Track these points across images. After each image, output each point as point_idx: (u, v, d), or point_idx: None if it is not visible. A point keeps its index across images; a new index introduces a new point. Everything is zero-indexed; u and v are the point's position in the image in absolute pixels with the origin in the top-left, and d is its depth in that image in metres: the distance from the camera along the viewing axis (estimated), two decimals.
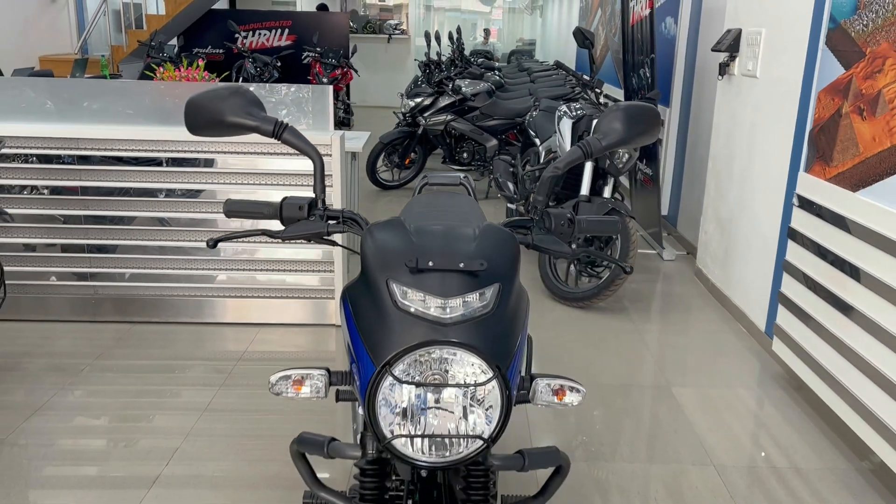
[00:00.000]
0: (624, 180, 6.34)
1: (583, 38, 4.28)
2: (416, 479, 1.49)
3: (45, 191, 3.62)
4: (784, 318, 3.21)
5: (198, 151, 3.57)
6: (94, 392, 3.07)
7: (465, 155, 6.63)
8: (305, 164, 3.59)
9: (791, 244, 3.16)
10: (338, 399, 2.03)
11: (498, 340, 1.15)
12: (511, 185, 5.21)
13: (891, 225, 2.46)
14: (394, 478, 1.68)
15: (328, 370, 1.29)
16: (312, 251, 3.68)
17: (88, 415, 2.90)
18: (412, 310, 1.15)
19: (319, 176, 1.37)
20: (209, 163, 3.57)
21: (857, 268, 2.64)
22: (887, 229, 2.47)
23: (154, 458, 2.62)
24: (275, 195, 3.62)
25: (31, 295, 3.70)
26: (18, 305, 3.71)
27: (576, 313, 4.09)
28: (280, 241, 1.27)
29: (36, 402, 2.97)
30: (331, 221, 1.35)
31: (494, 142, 6.54)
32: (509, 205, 5.15)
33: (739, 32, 4.03)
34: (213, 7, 9.96)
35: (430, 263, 1.16)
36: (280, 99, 3.94)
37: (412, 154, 6.73)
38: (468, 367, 1.14)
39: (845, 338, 2.71)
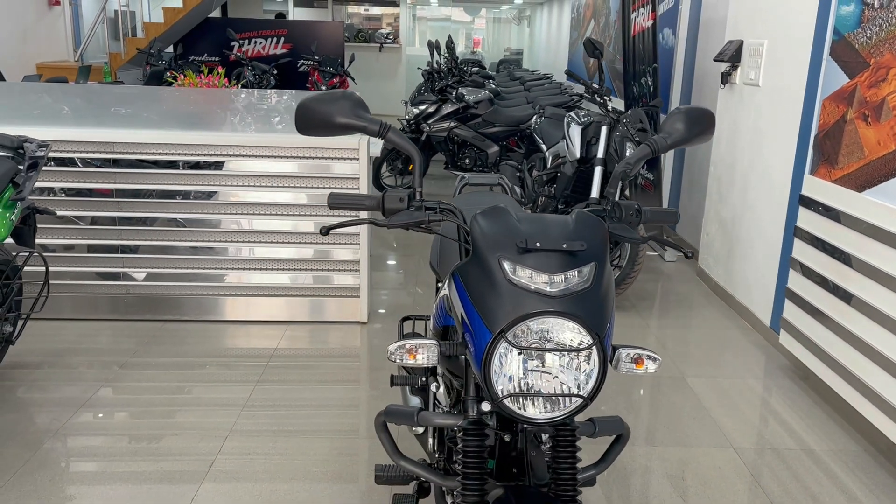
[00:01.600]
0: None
1: (593, 48, 4.48)
2: (497, 446, 1.64)
3: (83, 193, 3.73)
4: (791, 311, 3.40)
5: (219, 155, 3.69)
6: (135, 388, 3.18)
7: (466, 161, 6.81)
8: (311, 168, 3.73)
9: (797, 242, 3.36)
10: (392, 384, 2.18)
11: (596, 311, 1.32)
12: (518, 190, 5.39)
13: (895, 221, 2.66)
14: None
15: (438, 342, 1.44)
16: (335, 251, 3.82)
17: (133, 410, 3.01)
18: (522, 284, 1.31)
19: (418, 171, 1.53)
20: (222, 166, 3.70)
21: (863, 262, 2.84)
22: (892, 226, 2.67)
23: (204, 452, 2.73)
24: (289, 196, 3.76)
25: (68, 294, 3.80)
26: (57, 304, 3.81)
27: None
28: (385, 227, 1.42)
29: (81, 399, 3.07)
30: (430, 211, 1.51)
31: (496, 148, 6.72)
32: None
33: (741, 44, 4.25)
34: (209, 16, 10.08)
35: (538, 244, 1.32)
36: (289, 107, 4.08)
37: None
38: (571, 333, 1.30)
39: (852, 328, 2.91)
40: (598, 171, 4.36)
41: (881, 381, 2.72)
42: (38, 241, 3.71)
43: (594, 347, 1.30)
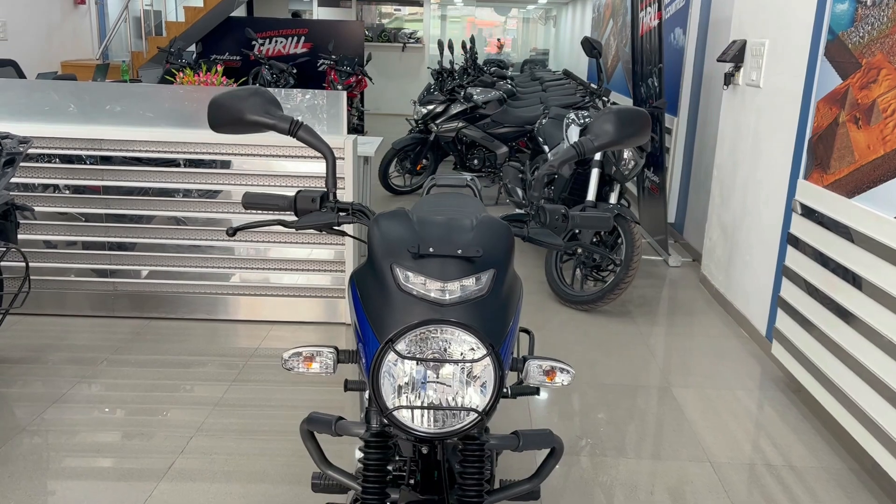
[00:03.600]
0: (633, 188, 6.42)
1: (590, 47, 4.38)
2: (418, 458, 1.58)
3: (67, 190, 3.76)
4: (783, 322, 3.28)
5: (215, 153, 3.69)
6: (110, 385, 3.18)
7: (475, 161, 6.74)
8: (316, 167, 3.70)
9: (790, 250, 3.24)
10: (346, 388, 2.13)
11: (492, 321, 1.25)
12: (520, 191, 5.31)
13: (883, 230, 2.53)
14: (397, 458, 1.78)
15: (336, 348, 1.38)
16: (324, 251, 3.79)
17: (105, 407, 3.01)
18: (414, 292, 1.25)
19: (331, 171, 1.48)
20: (226, 164, 3.69)
21: (854, 273, 2.72)
22: (881, 234, 2.55)
23: (167, 451, 2.72)
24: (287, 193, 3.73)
25: (52, 290, 3.83)
26: (40, 300, 3.84)
27: (581, 316, 4.17)
28: (294, 231, 1.37)
29: (55, 394, 3.08)
30: (341, 213, 1.45)
31: (505, 149, 6.64)
32: (518, 210, 5.24)
33: (744, 43, 4.12)
34: (231, 15, 10.15)
35: (431, 249, 1.26)
36: (296, 105, 4.06)
37: (424, 160, 6.85)
38: (465, 345, 1.23)
39: (842, 341, 2.78)
40: (594, 173, 4.27)
41: (868, 399, 2.59)
42: (24, 236, 3.75)
43: (488, 358, 1.24)
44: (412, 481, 1.62)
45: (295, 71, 9.30)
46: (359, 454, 2.04)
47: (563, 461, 2.72)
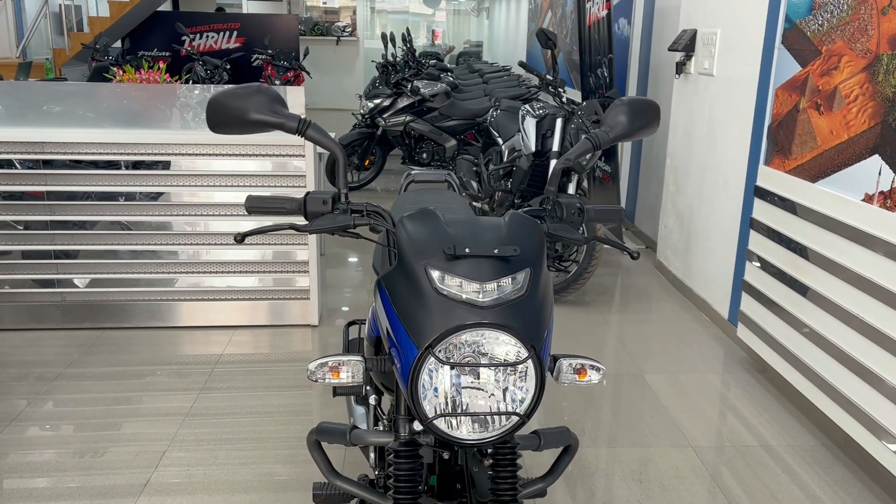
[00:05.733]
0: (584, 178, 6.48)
1: (546, 38, 4.39)
2: (437, 463, 1.54)
3: (2, 199, 3.54)
4: (748, 304, 3.36)
5: (162, 154, 3.53)
6: (70, 401, 3.02)
7: (424, 155, 6.69)
8: (259, 165, 3.58)
9: (753, 234, 3.32)
10: (335, 394, 2.06)
11: (532, 321, 1.21)
12: (475, 184, 5.29)
13: (849, 212, 2.61)
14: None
15: (364, 357, 1.32)
16: (282, 252, 3.68)
17: (67, 424, 2.85)
18: (450, 294, 1.20)
19: (342, 171, 1.41)
20: (166, 165, 3.54)
21: (818, 253, 2.80)
22: (846, 216, 2.63)
23: (141, 465, 2.59)
24: (231, 196, 3.61)
25: None
26: None
27: None
28: (307, 233, 1.30)
29: (10, 413, 2.90)
30: (355, 214, 1.39)
31: (453, 142, 6.61)
32: (473, 203, 5.23)
33: (695, 33, 4.19)
34: (159, 9, 9.79)
35: (467, 250, 1.21)
36: None
37: (371, 155, 6.75)
38: (505, 346, 1.19)
39: (808, 320, 2.86)
40: (553, 164, 4.28)
41: (837, 374, 2.68)
42: None
43: (530, 361, 1.20)
44: (425, 487, 1.57)
45: (229, 66, 9.04)
46: (367, 457, 1.97)
47: (551, 452, 2.71)
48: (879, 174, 2.49)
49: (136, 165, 3.53)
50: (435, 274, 1.21)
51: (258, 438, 2.77)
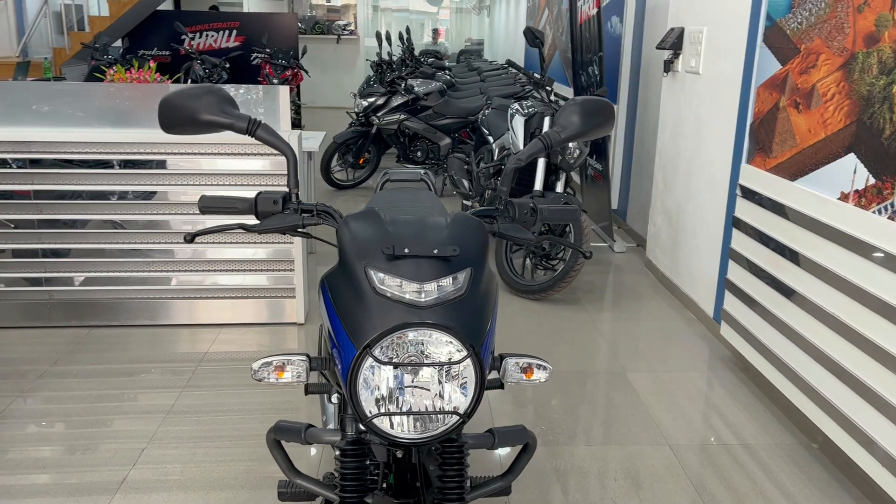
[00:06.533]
0: (575, 176, 6.48)
1: (533, 37, 4.39)
2: (392, 461, 1.54)
3: None
4: (731, 303, 3.36)
5: (150, 153, 3.55)
6: (53, 398, 3.04)
7: (418, 154, 6.69)
8: (254, 164, 3.60)
9: (735, 232, 3.31)
10: (307, 392, 2.08)
11: (471, 321, 1.22)
12: (466, 183, 5.30)
13: (827, 211, 2.61)
14: (368, 462, 1.74)
15: (308, 356, 1.33)
16: (271, 250, 3.70)
17: (49, 421, 2.87)
18: (390, 294, 1.21)
19: (293, 171, 1.42)
20: (161, 164, 3.56)
21: (797, 252, 2.79)
22: (823, 215, 2.63)
23: (119, 463, 2.61)
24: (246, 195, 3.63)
25: None
26: None
27: (532, 305, 4.19)
28: (256, 233, 1.31)
29: None
30: (305, 214, 1.40)
31: (448, 140, 6.62)
32: (465, 202, 5.23)
33: (682, 31, 4.18)
34: (159, 8, 9.81)
35: (406, 250, 1.22)
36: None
37: (366, 154, 6.76)
38: (444, 346, 1.20)
39: (788, 320, 2.86)
40: (541, 163, 4.28)
41: (815, 374, 2.68)
42: None
43: (469, 360, 1.21)
44: (385, 485, 1.58)
45: (228, 65, 9.06)
46: (314, 453, 1.99)
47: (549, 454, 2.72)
48: (854, 173, 2.49)
49: (127, 165, 3.55)
50: (374, 274, 1.22)
51: (238, 436, 2.79)
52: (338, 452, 1.38)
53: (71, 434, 2.78)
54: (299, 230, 1.41)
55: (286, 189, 1.41)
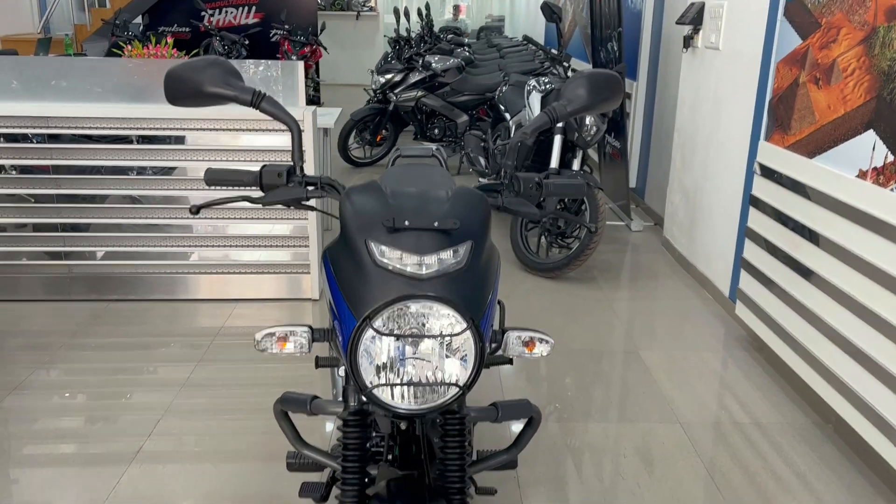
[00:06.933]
0: (593, 154, 6.43)
1: (550, 12, 4.33)
2: (396, 433, 1.56)
3: (14, 171, 3.61)
4: (746, 282, 3.33)
5: (169, 129, 3.57)
6: (71, 370, 3.09)
7: (436, 131, 6.67)
8: (277, 140, 3.61)
9: (753, 211, 3.27)
10: (317, 366, 2.09)
11: (471, 294, 1.22)
12: (482, 160, 5.28)
13: (844, 189, 2.57)
14: (374, 434, 1.75)
15: (310, 327, 1.35)
16: (286, 226, 3.72)
17: (67, 392, 2.93)
18: (390, 267, 1.21)
19: (297, 144, 1.42)
20: (180, 139, 3.58)
21: (815, 232, 2.76)
22: (841, 193, 2.58)
23: (134, 434, 2.65)
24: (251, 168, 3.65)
25: (4, 275, 3.69)
26: None
27: (547, 283, 4.18)
28: (261, 207, 1.32)
29: (13, 382, 2.98)
30: (309, 187, 1.40)
31: (465, 117, 6.58)
32: (481, 179, 5.22)
33: (703, 5, 4.11)
34: None
35: (406, 223, 1.22)
36: (249, 77, 3.94)
37: (383, 131, 6.75)
38: (444, 319, 1.21)
39: (804, 299, 2.83)
40: (557, 139, 4.25)
41: (830, 354, 2.65)
42: None
43: (469, 333, 1.21)
44: (390, 457, 1.60)
45: (247, 42, 9.05)
46: (330, 428, 2.01)
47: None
48: (873, 149, 2.44)
49: (146, 140, 3.58)
50: (375, 247, 1.22)
51: (251, 409, 2.82)
52: (341, 423, 1.39)
53: (88, 405, 2.83)
54: (303, 203, 1.41)
55: (292, 163, 1.41)
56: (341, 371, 1.94)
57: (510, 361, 2.04)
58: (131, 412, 2.79)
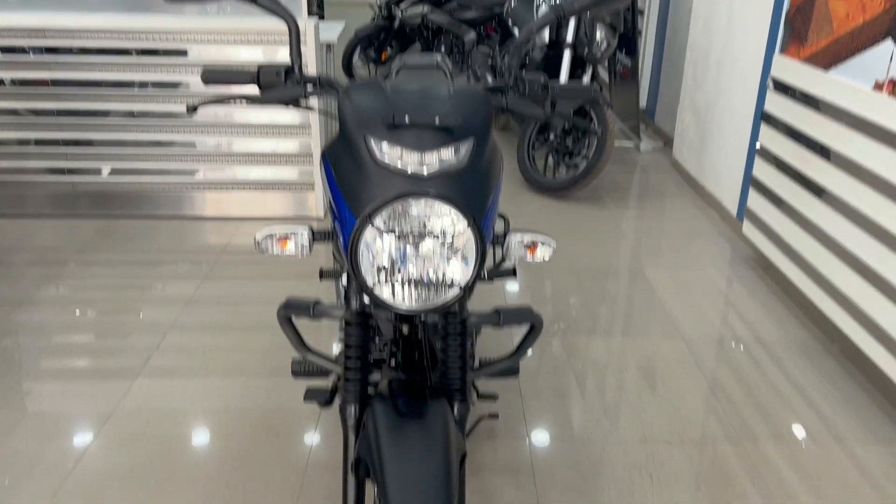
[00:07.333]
0: (604, 73, 6.29)
1: None
2: (398, 338, 1.56)
3: (12, 84, 3.55)
4: (755, 200, 3.29)
5: (171, 41, 3.48)
6: (78, 286, 3.11)
7: (442, 48, 6.51)
8: (283, 53, 3.53)
9: (764, 127, 3.21)
10: (322, 277, 2.09)
11: (472, 193, 1.20)
12: (489, 77, 5.16)
13: (859, 101, 2.50)
14: (377, 340, 1.76)
15: (311, 227, 1.33)
16: (291, 143, 3.67)
17: (73, 308, 2.95)
18: (390, 164, 1.19)
19: (295, 41, 1.38)
20: (182, 53, 3.50)
21: (827, 147, 2.70)
22: (856, 106, 2.52)
23: (141, 349, 2.68)
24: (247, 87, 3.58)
25: (7, 191, 3.68)
26: None
27: (554, 203, 4.16)
28: (259, 105, 1.29)
29: (21, 296, 3.01)
30: (308, 85, 1.37)
31: (473, 34, 6.40)
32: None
33: None
34: None
35: (407, 119, 1.19)
36: None
37: (388, 49, 6.60)
38: (445, 218, 1.19)
39: (812, 216, 2.80)
40: (566, 54, 4.15)
41: (836, 271, 2.64)
42: None
43: (470, 232, 1.20)
44: (393, 362, 1.61)
45: None
46: (336, 349, 2.02)
47: (540, 342, 2.75)
48: (891, 60, 2.36)
49: (147, 53, 3.49)
50: (374, 144, 1.20)
51: (258, 326, 2.84)
52: (343, 324, 1.39)
53: (96, 320, 2.86)
54: (301, 101, 1.38)
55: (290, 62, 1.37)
56: (344, 279, 1.94)
57: (514, 273, 2.04)
58: (138, 327, 2.82)
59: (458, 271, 1.21)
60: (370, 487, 1.44)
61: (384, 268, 1.20)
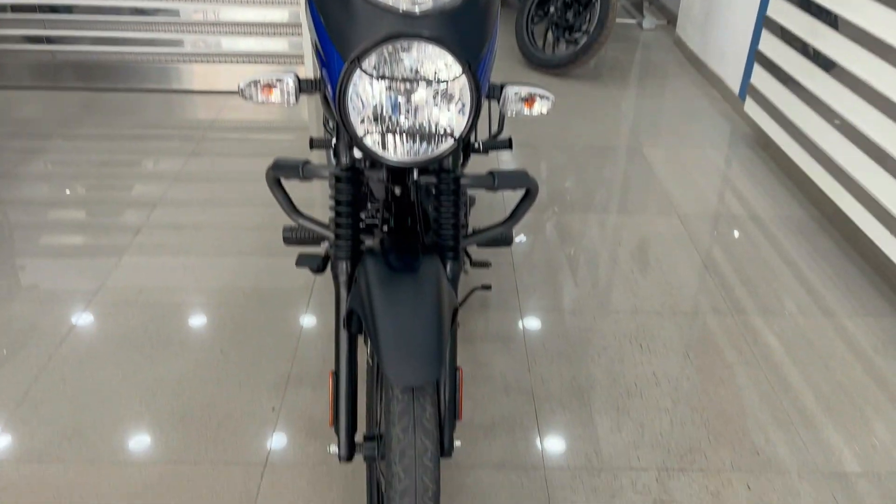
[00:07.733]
0: None
1: None
2: (391, 200, 1.53)
3: None
4: (759, 76, 3.19)
5: None
6: (62, 161, 3.04)
7: None
8: None
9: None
10: (312, 146, 2.03)
11: (468, 36, 1.13)
12: None
13: None
14: (369, 206, 1.73)
15: (296, 75, 1.26)
16: (279, 13, 3.51)
17: (57, 182, 2.89)
18: (380, 3, 1.11)
19: None
20: None
21: (837, 15, 2.59)
22: None
23: (128, 225, 2.64)
24: None
25: None
26: None
27: (552, 81, 4.04)
28: None
29: (5, 170, 2.94)
30: None
31: None
32: None
33: None
34: None
35: None
36: None
37: None
38: (439, 62, 1.12)
39: (817, 90, 2.72)
40: None
41: (837, 145, 2.59)
42: None
43: (464, 78, 1.13)
44: (385, 228, 1.58)
45: None
46: (330, 209, 1.98)
47: (534, 218, 2.73)
48: None
49: None
50: None
51: (247, 202, 2.79)
52: (333, 181, 1.35)
53: (80, 196, 2.81)
54: None
55: None
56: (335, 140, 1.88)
57: (509, 145, 1.98)
58: (124, 203, 2.77)
59: (453, 122, 1.16)
60: (362, 347, 1.44)
61: (375, 117, 1.14)
